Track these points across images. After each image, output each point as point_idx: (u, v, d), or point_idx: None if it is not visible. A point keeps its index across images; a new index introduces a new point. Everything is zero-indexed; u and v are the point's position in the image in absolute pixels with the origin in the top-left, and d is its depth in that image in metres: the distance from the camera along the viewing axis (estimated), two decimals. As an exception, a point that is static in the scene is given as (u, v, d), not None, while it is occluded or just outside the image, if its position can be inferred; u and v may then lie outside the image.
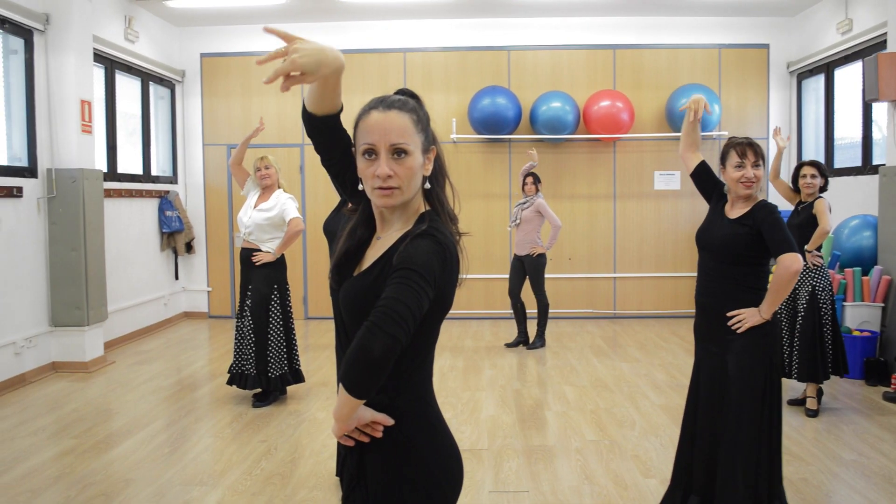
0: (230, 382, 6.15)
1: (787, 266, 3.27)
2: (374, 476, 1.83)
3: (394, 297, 1.63)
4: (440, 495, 1.86)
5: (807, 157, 9.54)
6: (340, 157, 1.98)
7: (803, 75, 9.78)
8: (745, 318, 3.37)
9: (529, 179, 8.11)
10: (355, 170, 1.93)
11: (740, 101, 10.01)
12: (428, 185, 1.91)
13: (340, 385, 1.66)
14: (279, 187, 6.15)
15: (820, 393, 5.84)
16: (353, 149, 1.92)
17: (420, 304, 1.65)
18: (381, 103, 1.84)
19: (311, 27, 10.10)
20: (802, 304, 5.77)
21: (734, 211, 3.52)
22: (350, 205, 2.07)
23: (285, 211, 5.96)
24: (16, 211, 6.81)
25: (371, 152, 1.81)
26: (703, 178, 3.79)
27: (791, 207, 6.04)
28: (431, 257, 1.73)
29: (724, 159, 3.56)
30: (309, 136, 1.96)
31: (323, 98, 1.86)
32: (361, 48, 10.10)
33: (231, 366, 6.17)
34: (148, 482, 4.52)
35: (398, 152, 1.80)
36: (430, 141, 1.89)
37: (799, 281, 5.78)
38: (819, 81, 9.43)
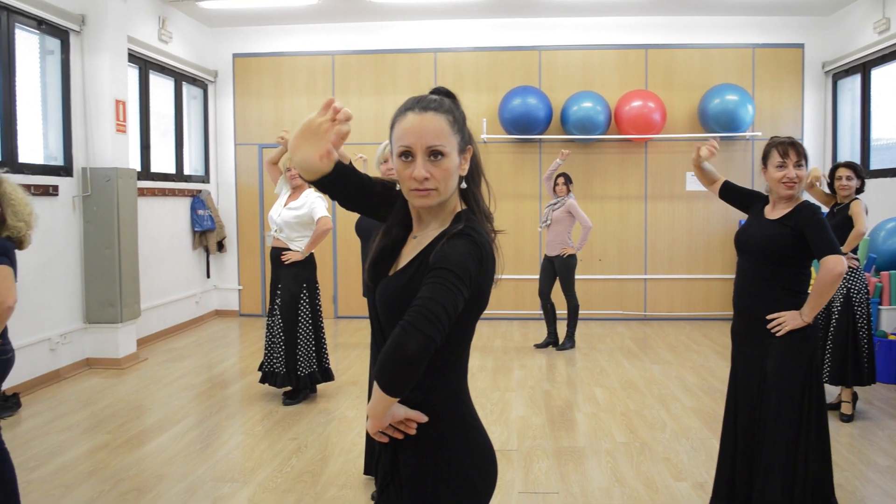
0: (262, 381, 6.19)
1: (831, 268, 3.22)
2: (407, 472, 1.83)
3: (429, 297, 1.63)
4: (473, 492, 1.86)
5: (842, 158, 9.41)
6: (364, 202, 2.02)
7: (839, 75, 9.64)
8: (786, 321, 3.32)
9: (561, 180, 8.08)
10: (384, 204, 1.98)
11: (774, 102, 9.90)
12: (464, 185, 1.91)
13: (375, 382, 1.66)
14: (309, 186, 6.18)
15: (855, 397, 5.75)
16: (374, 179, 1.98)
17: (455, 304, 1.66)
18: (418, 104, 1.84)
19: (343, 27, 10.14)
20: (837, 306, 5.69)
21: (775, 212, 3.47)
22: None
23: (314, 210, 5.98)
24: (52, 209, 6.90)
25: (408, 154, 1.81)
26: (732, 195, 3.77)
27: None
28: (467, 257, 1.73)
29: (765, 159, 3.52)
30: (324, 193, 1.99)
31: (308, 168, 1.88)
32: (392, 48, 10.12)
33: (262, 364, 6.21)
34: (180, 478, 4.56)
35: (434, 154, 1.80)
36: (466, 141, 1.89)
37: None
38: (855, 81, 9.30)
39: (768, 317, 3.37)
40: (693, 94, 9.85)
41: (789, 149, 3.41)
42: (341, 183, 1.93)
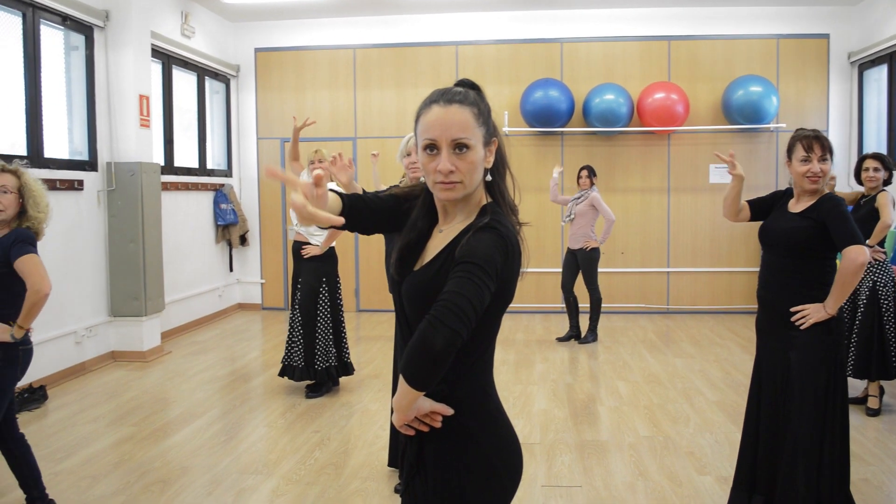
0: (282, 374, 6.21)
1: (853, 259, 3.19)
2: (433, 464, 1.83)
3: (456, 292, 1.62)
4: (499, 485, 1.86)
5: (868, 150, 9.29)
6: (384, 224, 2.04)
7: (865, 66, 9.52)
8: (810, 313, 3.29)
9: (584, 173, 8.04)
10: (402, 218, 2.00)
11: (799, 93, 9.79)
12: (489, 178, 1.90)
13: (401, 376, 1.66)
14: (332, 181, 6.18)
15: (881, 391, 5.69)
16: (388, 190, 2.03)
17: (482, 298, 1.65)
18: (442, 97, 1.82)
19: (364, 21, 10.15)
20: (862, 299, 5.63)
21: (799, 205, 3.44)
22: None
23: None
24: (76, 204, 6.96)
25: (432, 147, 1.80)
26: (758, 210, 3.69)
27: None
28: (494, 250, 1.72)
29: (790, 152, 3.48)
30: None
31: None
32: (414, 41, 10.11)
33: (283, 357, 6.24)
34: (204, 470, 4.60)
35: (459, 147, 1.79)
36: (491, 133, 1.88)
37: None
38: (882, 72, 9.17)
39: (792, 309, 3.34)
40: (716, 86, 9.76)
41: (814, 143, 3.38)
42: (354, 217, 1.95)
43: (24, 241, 3.63)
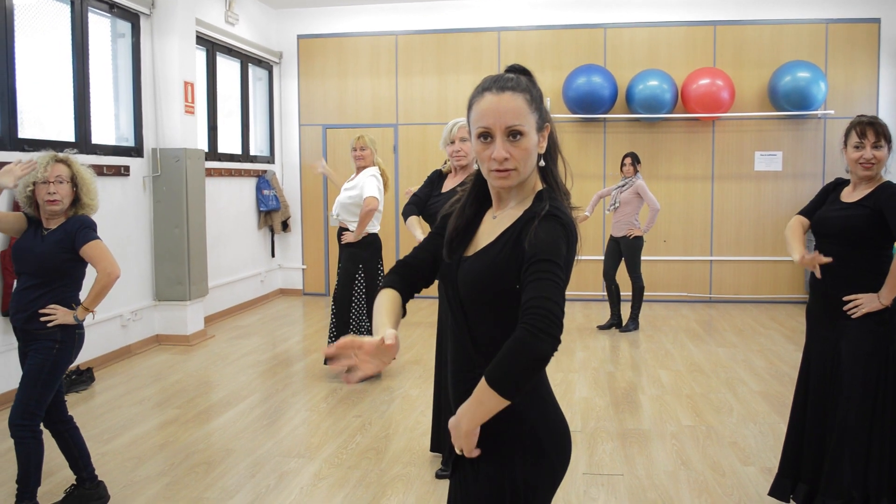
0: (325, 362, 6.27)
1: None
2: (484, 445, 1.79)
3: (545, 297, 1.63)
4: (550, 469, 1.85)
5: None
6: (432, 276, 2.07)
7: (917, 51, 9.29)
8: (863, 302, 3.23)
9: (628, 160, 7.96)
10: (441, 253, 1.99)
11: (848, 79, 9.57)
12: (543, 163, 1.90)
13: (484, 387, 1.64)
14: (374, 165, 6.21)
15: None
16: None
17: (564, 296, 1.67)
18: (495, 84, 1.82)
19: (406, 7, 10.14)
20: None
21: (855, 193, 3.36)
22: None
23: (364, 189, 6.01)
24: (123, 189, 7.07)
25: (486, 135, 1.80)
26: (816, 211, 3.55)
27: None
28: (560, 241, 1.74)
29: (845, 139, 3.40)
30: None
31: None
32: (455, 27, 10.08)
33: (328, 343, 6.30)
34: (247, 452, 4.65)
35: (513, 134, 1.79)
36: (543, 119, 1.87)
37: None
38: (935, 57, 8.95)
39: (845, 298, 3.28)
40: (763, 72, 9.59)
41: (867, 128, 3.29)
42: (417, 289, 2.05)
43: (89, 227, 3.73)
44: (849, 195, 3.40)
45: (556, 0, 9.92)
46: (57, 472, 4.26)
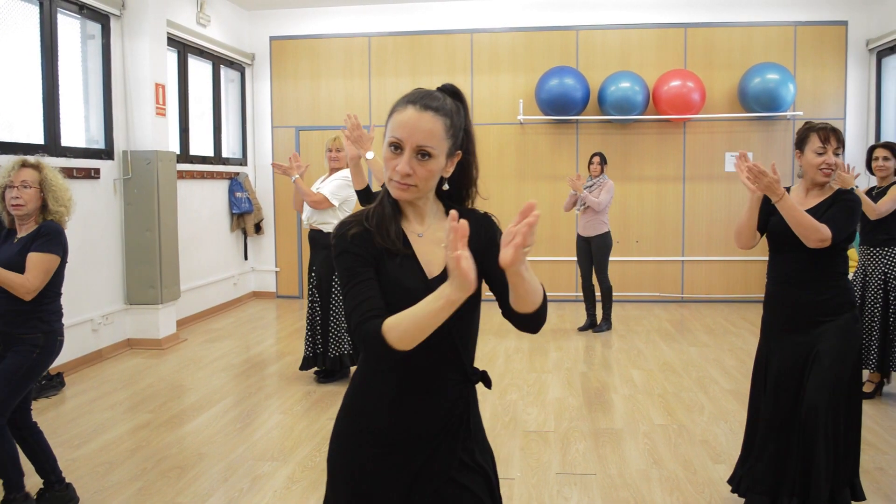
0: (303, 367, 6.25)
1: (821, 233, 3.17)
2: (473, 421, 2.01)
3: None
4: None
5: (885, 138, 9.21)
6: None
7: (883, 53, 9.42)
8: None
9: (597, 159, 8.00)
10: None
11: (816, 81, 9.70)
12: (446, 187, 1.95)
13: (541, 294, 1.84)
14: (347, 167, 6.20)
15: (881, 383, 5.69)
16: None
17: None
18: (421, 100, 1.84)
19: (379, 8, 10.13)
20: (873, 290, 5.58)
21: (808, 200, 3.39)
22: None
23: (323, 186, 6.02)
24: (93, 192, 7.00)
25: (397, 146, 1.83)
26: (763, 220, 3.54)
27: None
28: None
29: (802, 143, 3.41)
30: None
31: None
32: (428, 29, 10.09)
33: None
34: (220, 456, 4.63)
35: (422, 154, 1.82)
36: (457, 146, 1.91)
37: (871, 266, 5.60)
38: (900, 59, 9.09)
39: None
40: (733, 74, 9.69)
41: (831, 135, 3.34)
42: None
43: (52, 237, 3.65)
44: (802, 202, 3.41)
45: (529, 2, 9.96)
46: (26, 479, 4.21)
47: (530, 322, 1.87)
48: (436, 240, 1.91)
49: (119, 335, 7.39)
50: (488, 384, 2.00)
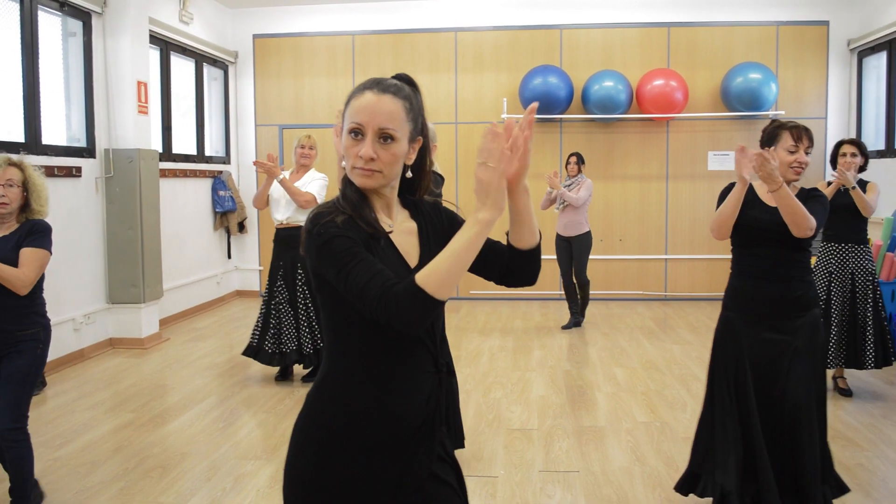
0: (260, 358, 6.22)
1: (810, 221, 3.18)
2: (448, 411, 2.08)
3: None
4: None
5: (866, 138, 9.28)
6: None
7: (864, 53, 9.50)
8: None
9: (573, 159, 8.02)
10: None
11: (798, 81, 9.77)
12: (410, 175, 1.93)
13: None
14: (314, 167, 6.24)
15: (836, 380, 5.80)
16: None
17: None
18: (377, 85, 1.83)
19: (363, 7, 10.12)
20: (839, 287, 5.60)
21: (770, 197, 3.38)
22: None
23: (309, 186, 5.99)
24: (75, 190, 6.96)
25: (358, 132, 1.81)
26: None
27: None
28: None
29: (772, 140, 3.39)
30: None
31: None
32: (412, 28, 10.08)
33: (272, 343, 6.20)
34: (203, 456, 4.62)
35: (385, 137, 1.80)
36: (418, 131, 1.89)
37: (835, 264, 5.64)
38: (881, 59, 9.15)
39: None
40: (716, 73, 9.74)
41: (804, 134, 3.35)
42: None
43: (45, 234, 3.72)
44: (769, 198, 3.38)
45: (513, 1, 9.97)
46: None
47: (533, 259, 1.90)
48: (406, 231, 1.91)
49: (101, 334, 7.34)
50: (452, 373, 2.03)
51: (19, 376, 3.59)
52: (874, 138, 9.15)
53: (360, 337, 1.82)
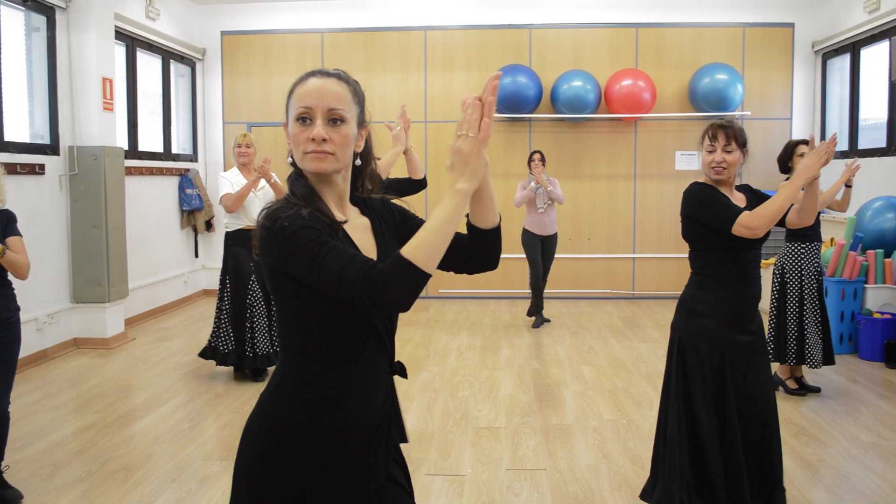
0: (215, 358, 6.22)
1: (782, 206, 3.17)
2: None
3: None
4: None
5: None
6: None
7: (828, 55, 9.64)
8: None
9: (537, 156, 8.01)
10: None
11: (764, 81, 9.89)
12: (359, 162, 1.93)
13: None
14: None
15: (788, 377, 5.86)
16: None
17: None
18: (319, 72, 1.84)
19: (333, 4, 10.08)
20: (792, 286, 5.68)
21: (736, 198, 3.35)
22: None
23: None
24: (38, 188, 6.86)
25: (306, 118, 1.78)
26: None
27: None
28: None
29: (701, 142, 3.37)
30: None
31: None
32: (382, 26, 10.06)
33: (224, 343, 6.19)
34: (168, 457, 4.57)
35: (335, 119, 1.78)
36: (363, 118, 1.89)
37: (788, 263, 5.72)
38: (844, 61, 9.29)
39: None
40: (683, 74, 9.83)
41: (718, 132, 3.26)
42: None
43: (15, 222, 4.04)
44: (735, 200, 3.34)
45: (483, 0, 9.98)
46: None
47: (497, 238, 1.89)
48: (359, 226, 1.89)
49: (65, 334, 7.24)
50: (405, 374, 1.95)
51: (13, 361, 3.87)
52: (838, 138, 9.26)
53: (319, 336, 1.78)
